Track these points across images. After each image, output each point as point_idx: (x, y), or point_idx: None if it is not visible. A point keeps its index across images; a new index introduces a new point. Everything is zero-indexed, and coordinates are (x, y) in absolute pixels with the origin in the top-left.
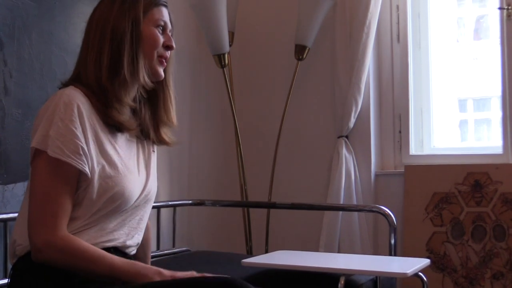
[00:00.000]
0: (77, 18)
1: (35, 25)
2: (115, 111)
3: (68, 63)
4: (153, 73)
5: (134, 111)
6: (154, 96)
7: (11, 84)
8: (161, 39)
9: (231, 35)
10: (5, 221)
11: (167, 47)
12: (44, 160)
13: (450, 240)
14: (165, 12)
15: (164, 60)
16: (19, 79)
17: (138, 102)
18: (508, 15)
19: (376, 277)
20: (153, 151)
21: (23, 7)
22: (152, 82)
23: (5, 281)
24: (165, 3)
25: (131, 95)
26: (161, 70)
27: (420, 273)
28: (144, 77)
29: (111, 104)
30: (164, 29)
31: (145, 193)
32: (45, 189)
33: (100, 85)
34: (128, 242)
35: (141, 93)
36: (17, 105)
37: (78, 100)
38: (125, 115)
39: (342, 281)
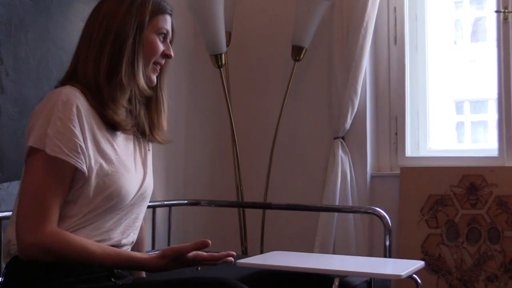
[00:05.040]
0: (74, 17)
1: (31, 23)
2: (110, 111)
3: (65, 62)
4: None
5: (129, 111)
6: (149, 100)
7: (7, 82)
8: (161, 48)
9: (228, 35)
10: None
11: (165, 55)
12: (41, 158)
13: (445, 242)
14: (169, 20)
15: (158, 68)
16: (15, 77)
17: (134, 104)
18: (505, 18)
19: (371, 278)
20: (149, 150)
21: (20, 5)
22: (149, 88)
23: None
24: (170, 12)
25: (126, 97)
26: (153, 77)
27: (415, 275)
28: (142, 82)
29: (107, 104)
30: (165, 37)
31: (141, 191)
32: (37, 186)
33: (97, 84)
34: (123, 241)
35: (137, 96)
36: (13, 104)
37: (77, 99)
38: (121, 115)
39: (336, 282)
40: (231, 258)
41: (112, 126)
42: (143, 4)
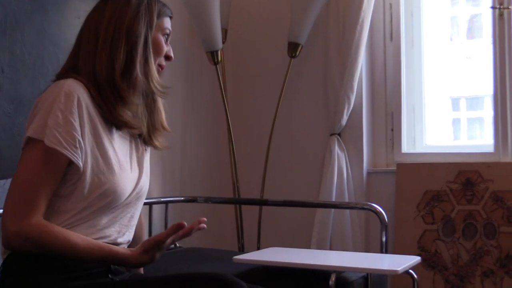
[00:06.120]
0: (70, 14)
1: (27, 20)
2: (121, 109)
3: (61, 59)
4: None
5: (139, 107)
6: (151, 101)
7: (3, 80)
8: (165, 49)
9: (224, 32)
10: None
11: (167, 57)
12: (38, 149)
13: (441, 238)
14: (170, 22)
15: (160, 69)
16: (11, 75)
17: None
18: (500, 14)
19: (367, 274)
20: (146, 149)
21: (15, 2)
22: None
23: None
24: (171, 15)
25: (137, 95)
26: (159, 77)
27: (411, 271)
28: (157, 77)
29: (119, 102)
30: (167, 39)
31: (137, 190)
32: (28, 177)
33: (112, 83)
34: (119, 240)
35: (146, 95)
36: (9, 101)
37: (79, 92)
38: (131, 114)
39: (333, 278)
40: (203, 225)
41: (117, 126)
42: (150, 5)
